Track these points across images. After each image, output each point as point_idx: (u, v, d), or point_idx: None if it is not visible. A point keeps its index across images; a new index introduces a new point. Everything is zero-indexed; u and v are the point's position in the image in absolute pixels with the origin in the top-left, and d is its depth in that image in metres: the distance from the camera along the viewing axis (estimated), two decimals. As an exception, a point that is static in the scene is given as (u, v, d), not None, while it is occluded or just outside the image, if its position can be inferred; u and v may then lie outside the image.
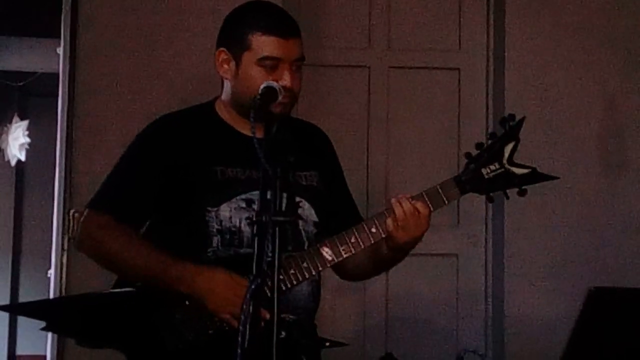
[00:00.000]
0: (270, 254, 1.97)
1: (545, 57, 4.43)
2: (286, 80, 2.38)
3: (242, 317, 1.96)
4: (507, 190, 2.39)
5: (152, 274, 2.36)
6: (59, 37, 4.30)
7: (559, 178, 2.38)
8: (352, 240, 2.36)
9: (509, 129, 2.38)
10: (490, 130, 4.49)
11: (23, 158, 8.09)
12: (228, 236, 2.42)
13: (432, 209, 2.36)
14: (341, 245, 2.36)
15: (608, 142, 4.44)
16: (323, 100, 4.47)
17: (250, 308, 1.97)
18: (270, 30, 2.40)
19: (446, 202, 2.38)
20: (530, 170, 2.38)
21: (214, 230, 2.41)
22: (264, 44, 2.40)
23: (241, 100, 2.45)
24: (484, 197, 2.40)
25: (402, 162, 4.54)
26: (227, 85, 2.50)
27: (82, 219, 2.51)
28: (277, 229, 1.97)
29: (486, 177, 2.37)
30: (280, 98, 2.36)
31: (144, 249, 2.38)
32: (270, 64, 2.39)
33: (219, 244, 2.42)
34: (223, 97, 2.53)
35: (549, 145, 4.32)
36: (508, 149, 2.38)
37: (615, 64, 4.45)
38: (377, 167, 4.51)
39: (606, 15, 4.46)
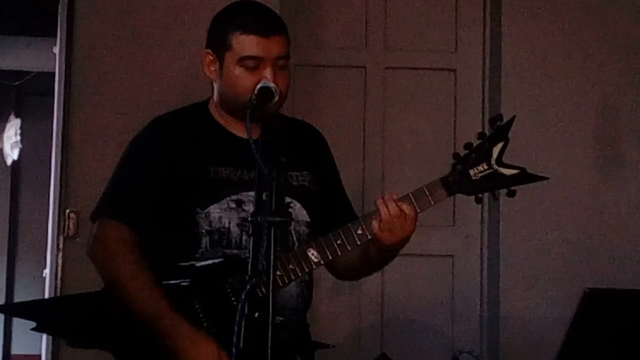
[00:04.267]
0: (263, 254, 1.97)
1: (542, 58, 4.44)
2: (269, 78, 2.37)
3: (237, 317, 1.97)
4: (497, 191, 2.38)
5: (147, 313, 2.33)
6: (55, 36, 4.29)
7: (548, 178, 2.36)
8: (339, 242, 2.35)
9: (497, 128, 2.38)
10: (486, 131, 4.49)
11: (15, 157, 8.08)
12: (217, 237, 2.41)
13: (418, 210, 2.35)
14: (327, 248, 2.35)
15: (604, 142, 4.44)
16: (319, 100, 4.46)
17: (246, 308, 1.98)
18: (249, 29, 2.40)
19: (433, 203, 2.36)
20: (519, 170, 2.36)
21: (204, 231, 2.42)
22: (243, 44, 2.40)
23: (227, 100, 2.46)
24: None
25: (398, 162, 4.53)
26: (215, 86, 2.51)
27: (97, 226, 2.47)
28: (272, 229, 1.97)
29: (474, 178, 2.36)
30: (276, 98, 2.35)
31: (150, 286, 2.35)
32: (251, 64, 2.38)
33: (208, 244, 2.42)
34: (214, 97, 2.53)
35: (545, 146, 4.32)
36: (497, 149, 2.37)
37: (612, 65, 4.45)
38: (373, 167, 4.51)
39: (603, 16, 4.46)
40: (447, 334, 4.45)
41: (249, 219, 2.08)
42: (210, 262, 2.39)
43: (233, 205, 2.42)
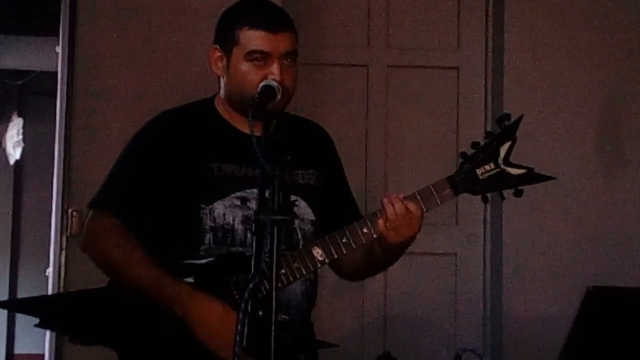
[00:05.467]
0: (267, 253, 1.96)
1: (544, 55, 4.43)
2: (275, 74, 2.36)
3: (240, 315, 1.97)
4: (503, 191, 2.37)
5: (149, 287, 2.33)
6: (58, 36, 4.29)
7: (555, 178, 2.35)
8: (344, 240, 2.33)
9: (504, 128, 2.36)
10: (489, 129, 4.49)
11: (18, 156, 8.08)
12: (221, 234, 2.41)
13: (425, 209, 2.34)
14: (332, 246, 2.34)
15: (606, 141, 4.44)
16: (322, 98, 4.46)
17: (249, 307, 1.97)
18: (257, 24, 2.40)
19: (439, 202, 2.34)
20: (526, 170, 2.35)
21: (207, 227, 2.41)
22: (251, 38, 2.40)
23: (234, 96, 2.46)
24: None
25: (400, 160, 4.53)
26: (222, 82, 2.51)
27: (87, 219, 2.48)
28: (275, 228, 1.97)
29: (481, 177, 2.34)
30: (279, 97, 2.35)
31: (145, 261, 2.36)
32: (258, 58, 2.38)
33: (211, 241, 2.41)
34: (220, 93, 2.53)
35: (547, 144, 4.32)
36: (504, 149, 2.34)
37: (615, 64, 4.45)
38: (375, 165, 4.51)
39: (606, 14, 4.46)
40: (450, 332, 4.45)
41: (252, 217, 2.07)
42: (214, 259, 2.39)
43: (238, 202, 2.42)
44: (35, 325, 2.43)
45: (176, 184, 2.42)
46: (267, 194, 2.02)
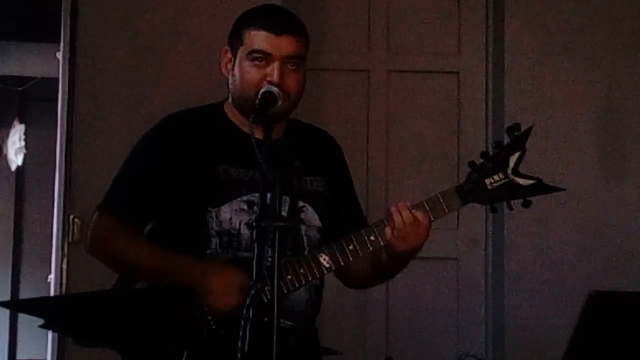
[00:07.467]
0: (269, 259, 1.96)
1: (545, 60, 4.44)
2: (274, 76, 2.37)
3: (242, 321, 1.96)
4: (512, 201, 2.35)
5: (154, 266, 2.36)
6: (59, 42, 4.30)
7: (565, 190, 2.35)
8: (350, 247, 2.33)
9: (514, 138, 2.36)
10: (490, 134, 4.50)
11: (20, 162, 8.09)
12: (227, 238, 2.41)
13: (432, 218, 2.34)
14: (339, 253, 2.34)
15: (608, 145, 4.44)
16: (322, 104, 4.47)
17: (250, 313, 1.97)
18: (262, 25, 2.41)
19: (447, 211, 2.34)
20: (535, 181, 2.34)
21: (213, 231, 2.41)
22: (253, 38, 2.41)
23: (236, 96, 2.47)
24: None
25: (401, 165, 4.54)
26: (229, 83, 2.51)
27: (91, 222, 2.50)
28: (277, 234, 1.97)
29: (489, 187, 2.34)
30: (280, 102, 2.35)
31: (147, 244, 2.41)
32: (259, 58, 2.39)
33: (217, 245, 2.41)
34: (229, 96, 2.54)
35: (549, 148, 4.31)
36: (513, 159, 2.34)
37: (615, 69, 4.45)
38: (376, 171, 4.51)
39: (606, 19, 4.46)
40: (452, 337, 4.45)
41: (253, 223, 2.07)
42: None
43: (244, 206, 2.41)
44: (40, 326, 2.43)
45: (183, 186, 2.42)
46: (268, 200, 2.02)
